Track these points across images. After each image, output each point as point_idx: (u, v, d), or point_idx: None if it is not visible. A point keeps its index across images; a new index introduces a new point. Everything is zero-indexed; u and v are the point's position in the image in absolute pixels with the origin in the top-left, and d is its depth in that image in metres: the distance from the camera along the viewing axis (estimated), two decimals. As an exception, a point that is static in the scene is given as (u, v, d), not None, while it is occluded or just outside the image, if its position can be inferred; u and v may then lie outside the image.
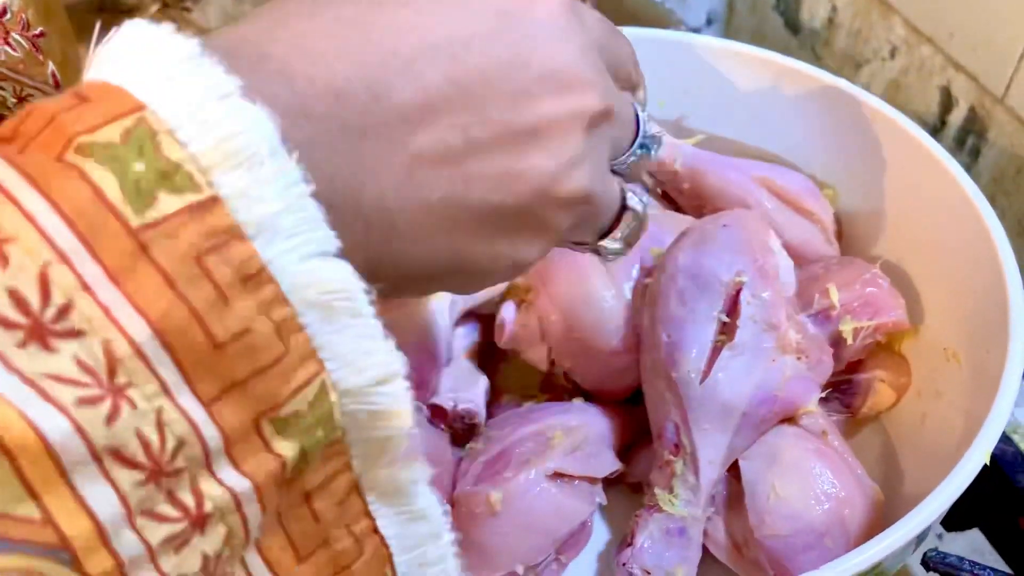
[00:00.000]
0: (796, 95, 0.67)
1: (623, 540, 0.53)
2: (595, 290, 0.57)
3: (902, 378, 0.61)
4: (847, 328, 0.57)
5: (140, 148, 0.22)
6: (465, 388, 0.60)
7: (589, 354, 0.57)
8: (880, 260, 0.64)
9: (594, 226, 0.35)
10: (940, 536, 0.64)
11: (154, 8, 1.25)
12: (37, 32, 0.66)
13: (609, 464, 0.57)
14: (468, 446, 0.58)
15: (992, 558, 0.65)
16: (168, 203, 0.22)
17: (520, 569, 0.53)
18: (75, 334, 0.21)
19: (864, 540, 0.51)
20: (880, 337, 0.59)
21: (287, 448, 0.24)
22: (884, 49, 1.06)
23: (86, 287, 0.21)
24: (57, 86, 0.68)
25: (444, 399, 0.59)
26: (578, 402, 0.59)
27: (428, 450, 0.54)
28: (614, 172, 0.35)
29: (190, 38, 0.23)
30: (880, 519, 0.53)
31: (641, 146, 0.36)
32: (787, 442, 0.53)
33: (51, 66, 0.67)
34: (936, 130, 1.01)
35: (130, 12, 1.26)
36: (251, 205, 0.23)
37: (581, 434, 0.56)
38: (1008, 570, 0.57)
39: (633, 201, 0.36)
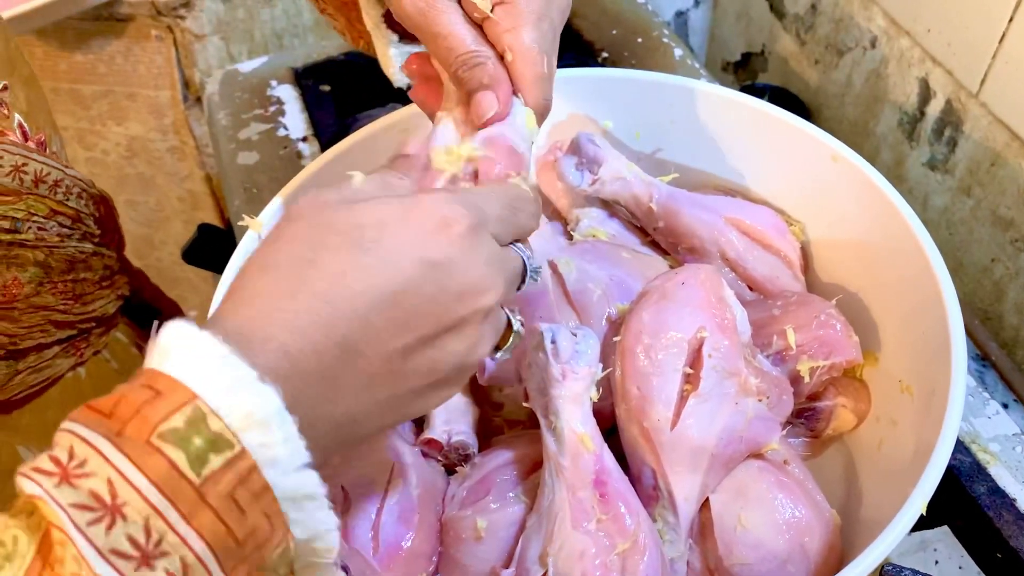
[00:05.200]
0: (766, 135, 0.71)
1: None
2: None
3: (862, 404, 0.65)
4: (804, 368, 0.61)
5: (197, 428, 0.34)
6: (457, 421, 0.65)
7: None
8: (841, 291, 0.68)
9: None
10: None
11: (148, 17, 1.27)
12: (0, 87, 0.67)
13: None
14: (457, 470, 0.63)
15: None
16: (215, 461, 0.34)
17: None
18: (164, 555, 0.33)
19: (823, 563, 0.56)
20: (836, 373, 0.63)
21: None
22: (865, 38, 1.09)
23: (171, 527, 0.33)
24: (25, 137, 0.68)
25: (439, 433, 0.64)
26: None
27: (423, 482, 0.60)
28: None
29: (223, 343, 0.36)
30: (838, 542, 0.58)
31: (531, 278, 0.48)
32: (751, 475, 0.58)
33: (17, 118, 0.68)
34: (915, 120, 1.04)
35: (125, 21, 1.28)
36: (264, 451, 0.35)
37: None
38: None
39: (516, 325, 0.48)
